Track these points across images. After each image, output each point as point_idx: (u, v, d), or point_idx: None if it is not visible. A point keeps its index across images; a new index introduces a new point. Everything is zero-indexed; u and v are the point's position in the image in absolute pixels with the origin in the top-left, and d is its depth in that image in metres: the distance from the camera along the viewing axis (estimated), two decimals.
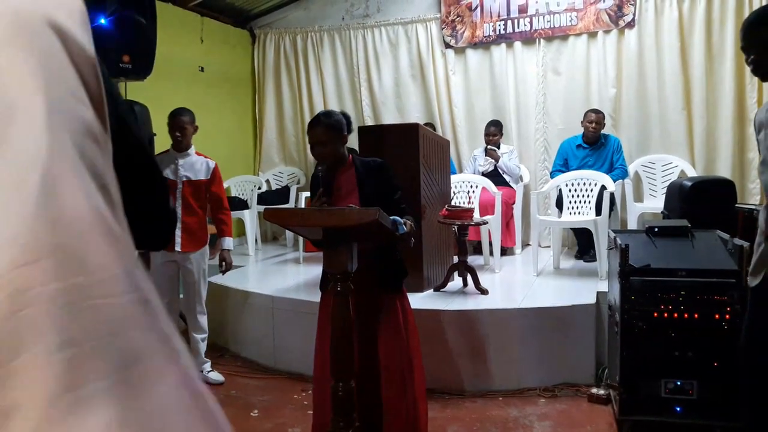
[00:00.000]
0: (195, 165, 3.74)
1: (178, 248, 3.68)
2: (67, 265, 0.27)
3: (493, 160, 5.54)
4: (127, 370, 0.27)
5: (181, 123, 3.71)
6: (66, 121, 0.31)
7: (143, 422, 0.27)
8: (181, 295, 3.93)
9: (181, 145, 3.73)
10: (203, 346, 3.87)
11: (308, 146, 7.21)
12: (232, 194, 6.29)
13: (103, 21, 4.52)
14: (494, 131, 5.61)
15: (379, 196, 2.47)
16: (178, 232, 3.68)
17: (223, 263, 3.81)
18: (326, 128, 2.49)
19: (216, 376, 3.85)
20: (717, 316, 2.75)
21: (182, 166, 3.71)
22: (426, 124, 5.23)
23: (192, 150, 3.78)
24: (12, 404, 0.25)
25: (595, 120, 5.18)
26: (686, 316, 2.79)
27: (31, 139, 0.28)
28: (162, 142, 4.50)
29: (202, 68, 6.14)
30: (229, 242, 3.83)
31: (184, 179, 3.70)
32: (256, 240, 6.09)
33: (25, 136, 0.28)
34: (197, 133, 3.85)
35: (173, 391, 0.30)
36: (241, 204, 6.04)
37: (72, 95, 0.32)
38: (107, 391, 0.26)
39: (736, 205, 3.61)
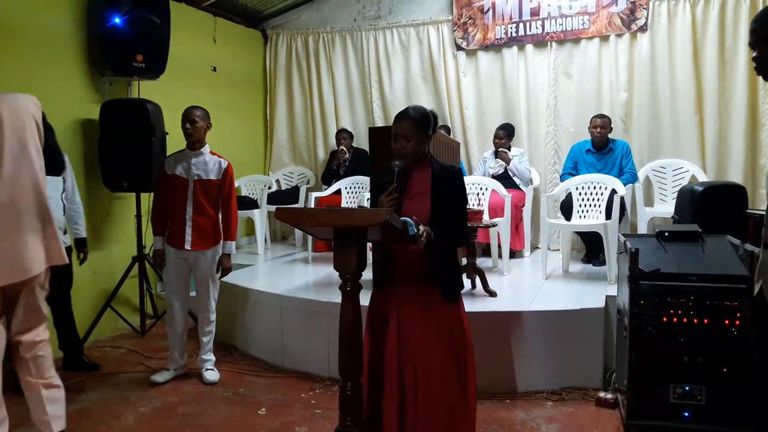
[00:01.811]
0: (208, 164, 3.75)
1: (187, 246, 3.70)
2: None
3: (503, 163, 5.54)
4: None
5: (192, 116, 3.70)
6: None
7: None
8: (193, 293, 3.96)
9: (193, 141, 3.73)
10: (209, 345, 3.90)
11: (318, 146, 7.27)
12: (243, 193, 6.32)
13: (117, 20, 4.57)
14: (502, 135, 5.61)
15: (449, 202, 2.37)
16: (188, 230, 3.70)
17: (220, 267, 3.82)
18: (413, 123, 2.37)
19: (211, 375, 3.85)
20: (727, 321, 2.74)
21: (194, 164, 3.72)
22: (441, 127, 5.24)
23: (206, 149, 3.78)
24: None
25: (600, 125, 5.18)
26: (696, 321, 2.78)
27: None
28: (173, 140, 4.56)
29: (215, 68, 6.18)
30: (230, 246, 3.83)
31: (195, 178, 3.71)
32: (265, 239, 6.12)
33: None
34: (210, 132, 3.87)
35: None
36: (251, 203, 6.07)
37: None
38: None
39: (748, 211, 3.58)
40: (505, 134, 5.63)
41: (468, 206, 4.72)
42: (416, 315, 2.38)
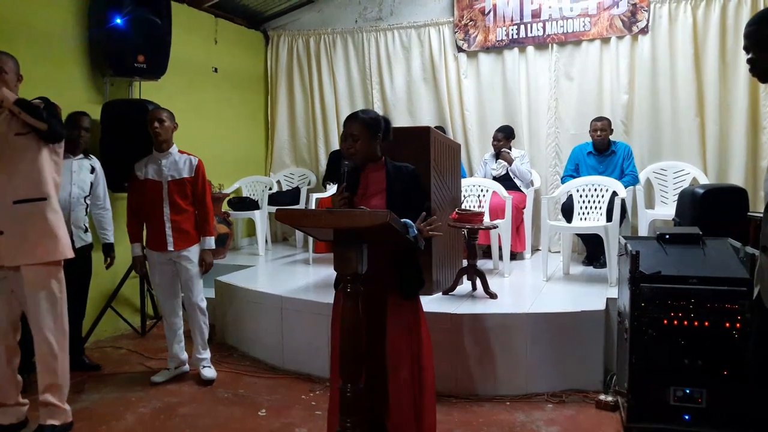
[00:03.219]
0: (178, 163, 3.75)
1: (170, 247, 3.70)
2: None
3: (506, 164, 5.54)
4: None
5: (159, 115, 3.72)
6: None
7: None
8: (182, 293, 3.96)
9: (161, 141, 3.72)
10: (204, 343, 3.91)
11: (319, 148, 7.29)
12: (243, 194, 6.33)
13: (118, 21, 4.57)
14: (500, 137, 5.62)
15: (407, 201, 2.45)
16: (168, 232, 3.69)
17: (203, 263, 3.82)
18: (361, 123, 2.47)
19: (209, 372, 3.86)
20: (727, 324, 2.74)
21: (165, 165, 3.72)
22: (436, 128, 5.24)
23: (174, 149, 3.79)
24: None
25: (599, 128, 5.19)
26: (696, 323, 2.78)
27: None
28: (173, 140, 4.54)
29: (216, 69, 6.18)
30: (209, 242, 3.83)
31: (169, 179, 3.70)
32: (266, 240, 6.12)
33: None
34: (209, 132, 3.87)
35: None
36: (252, 204, 6.07)
37: None
38: None
39: (749, 214, 3.58)
40: (503, 136, 5.63)
41: (469, 208, 4.74)
42: (376, 313, 2.43)
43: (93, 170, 4.06)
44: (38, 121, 2.79)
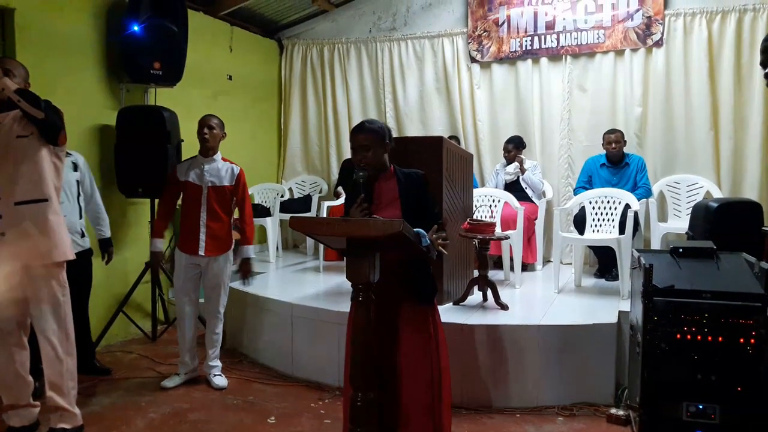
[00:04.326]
0: (221, 171, 3.79)
1: (201, 252, 3.73)
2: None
3: (519, 170, 5.53)
4: None
5: (210, 122, 3.77)
6: None
7: None
8: (202, 300, 3.98)
9: (207, 148, 3.78)
10: (216, 352, 3.93)
11: (331, 156, 7.31)
12: (256, 201, 6.35)
13: (135, 28, 4.63)
14: (510, 148, 5.63)
15: (420, 208, 2.47)
16: (202, 236, 3.73)
17: (244, 273, 3.86)
18: (369, 133, 2.49)
19: (220, 380, 3.88)
20: (742, 340, 2.71)
21: (207, 171, 3.76)
22: (450, 137, 5.24)
23: (218, 156, 3.83)
24: None
25: (613, 140, 5.18)
26: (710, 338, 2.75)
27: None
28: (188, 147, 4.59)
29: (231, 77, 6.23)
30: (249, 251, 3.87)
31: (209, 185, 3.74)
32: (277, 247, 6.14)
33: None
34: (225, 140, 3.91)
35: None
36: (264, 211, 6.09)
37: None
38: None
39: (763, 228, 3.55)
40: (514, 147, 5.63)
41: (480, 218, 4.74)
42: (390, 321, 2.42)
43: (76, 167, 3.91)
44: (36, 110, 2.80)
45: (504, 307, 3.98)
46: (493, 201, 5.20)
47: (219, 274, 3.82)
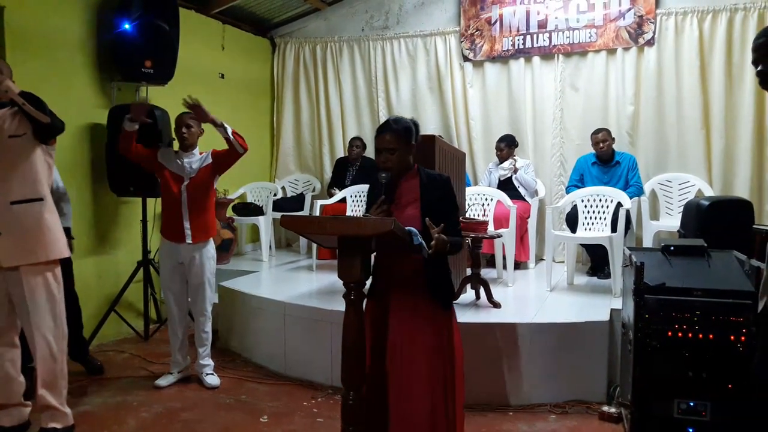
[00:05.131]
0: (200, 161, 3.82)
1: (188, 240, 3.72)
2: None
3: (513, 167, 5.54)
4: None
5: (186, 121, 3.77)
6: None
7: None
8: (189, 299, 3.97)
9: (187, 145, 3.80)
10: (207, 350, 3.92)
11: (324, 154, 7.29)
12: (248, 200, 6.34)
13: (127, 27, 4.60)
14: (503, 147, 5.64)
15: (440, 211, 2.38)
16: (186, 225, 3.73)
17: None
18: (395, 135, 2.38)
19: (212, 379, 3.87)
20: (732, 337, 2.72)
21: (188, 163, 3.78)
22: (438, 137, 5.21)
23: (196, 150, 3.86)
24: None
25: (600, 139, 5.20)
26: (701, 336, 2.76)
27: None
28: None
29: (223, 75, 6.21)
30: (227, 129, 3.68)
31: (191, 175, 3.77)
32: (270, 246, 6.12)
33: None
34: (214, 138, 3.89)
35: None
36: (257, 210, 6.08)
37: None
38: None
39: (754, 226, 3.57)
40: (506, 145, 5.64)
41: (473, 217, 4.74)
42: (408, 323, 2.37)
43: None
44: (42, 114, 2.82)
45: (497, 305, 3.98)
46: (486, 199, 5.21)
47: (202, 271, 3.80)
